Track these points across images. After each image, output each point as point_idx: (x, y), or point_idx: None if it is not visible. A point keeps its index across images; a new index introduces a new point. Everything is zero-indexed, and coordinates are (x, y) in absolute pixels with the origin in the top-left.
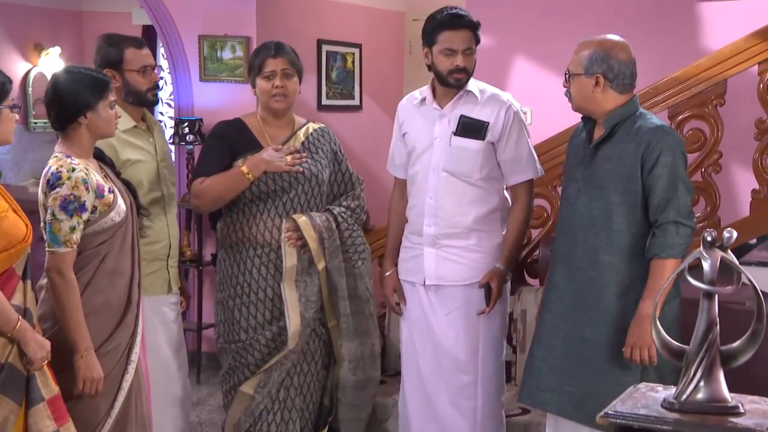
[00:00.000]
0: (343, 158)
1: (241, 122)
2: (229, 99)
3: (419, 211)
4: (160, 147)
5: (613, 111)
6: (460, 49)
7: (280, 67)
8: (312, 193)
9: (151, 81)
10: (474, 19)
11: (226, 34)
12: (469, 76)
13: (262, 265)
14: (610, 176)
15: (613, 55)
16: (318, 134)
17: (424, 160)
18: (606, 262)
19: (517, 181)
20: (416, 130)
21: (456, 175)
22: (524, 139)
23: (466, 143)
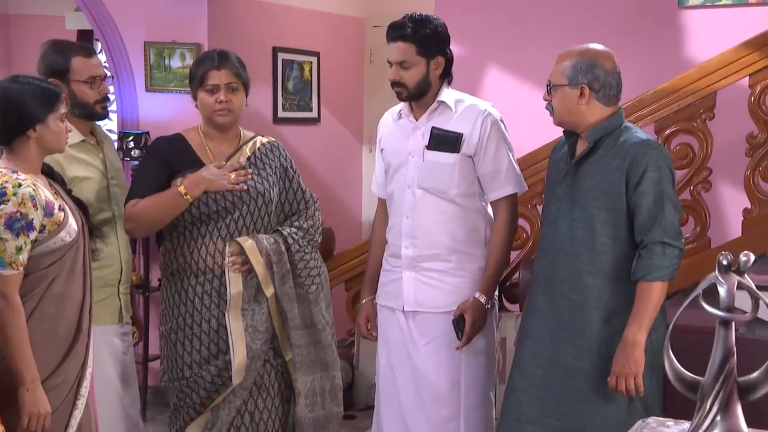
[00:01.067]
0: (294, 175)
1: (182, 137)
2: (177, 111)
3: (397, 231)
4: (110, 163)
5: (597, 124)
6: (394, 61)
7: (224, 80)
8: (259, 214)
9: (100, 93)
10: (417, 29)
11: (174, 41)
12: (408, 91)
13: (204, 294)
14: (593, 193)
15: (599, 65)
16: (267, 149)
17: (399, 176)
18: (589, 284)
19: (496, 196)
20: (392, 146)
21: (431, 192)
22: (503, 150)
23: (440, 157)
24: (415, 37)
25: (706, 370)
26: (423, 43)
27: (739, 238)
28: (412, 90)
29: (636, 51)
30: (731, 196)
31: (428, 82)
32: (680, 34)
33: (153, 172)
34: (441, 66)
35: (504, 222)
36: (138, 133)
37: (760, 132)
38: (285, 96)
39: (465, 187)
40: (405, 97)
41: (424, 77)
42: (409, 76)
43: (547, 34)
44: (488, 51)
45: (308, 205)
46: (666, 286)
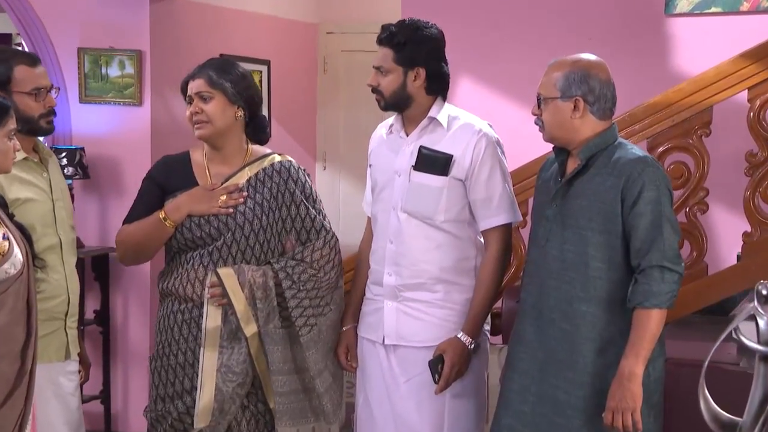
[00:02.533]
0: (302, 200)
1: (186, 156)
2: (117, 124)
3: (380, 257)
4: (55, 183)
5: (590, 140)
6: (373, 65)
7: (195, 90)
8: (247, 243)
9: (45, 105)
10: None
11: (112, 47)
12: (384, 99)
13: (184, 323)
14: (585, 214)
15: (593, 75)
16: (274, 170)
17: (384, 196)
18: (582, 312)
19: (487, 225)
20: (379, 162)
21: (416, 216)
22: (497, 176)
23: (427, 179)
24: (392, 41)
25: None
26: (400, 49)
27: (740, 264)
28: (387, 99)
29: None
30: (729, 219)
31: (406, 94)
32: (667, 44)
33: (144, 197)
34: (421, 78)
35: (494, 254)
36: (71, 148)
37: (760, 150)
38: None
39: (454, 213)
40: (382, 106)
41: (400, 87)
42: (385, 84)
43: (522, 44)
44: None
45: (318, 236)
46: (665, 313)
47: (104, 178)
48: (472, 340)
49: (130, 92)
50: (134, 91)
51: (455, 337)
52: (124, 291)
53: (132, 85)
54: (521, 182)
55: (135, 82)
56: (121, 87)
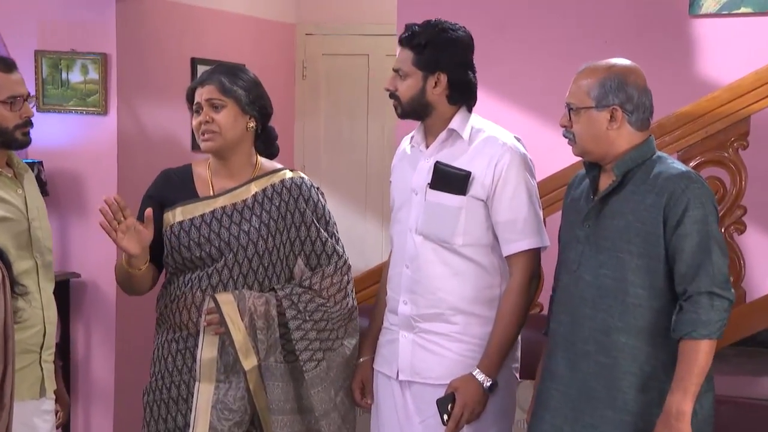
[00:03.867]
0: (314, 221)
1: (188, 169)
2: (79, 135)
3: (396, 283)
4: (31, 201)
5: (626, 153)
6: (393, 68)
7: (205, 96)
8: (250, 266)
9: (21, 116)
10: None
11: (73, 50)
12: (401, 106)
13: (178, 353)
14: (623, 235)
15: (631, 82)
16: (284, 187)
17: (401, 217)
18: (620, 344)
19: (511, 251)
20: (397, 178)
21: (433, 240)
22: (523, 196)
23: (443, 198)
24: (412, 42)
25: None
26: (420, 52)
27: None
28: (405, 106)
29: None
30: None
31: (425, 101)
32: (692, 47)
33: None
34: (442, 85)
35: (518, 283)
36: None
37: None
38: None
39: (475, 236)
40: (399, 113)
41: (419, 94)
42: (403, 89)
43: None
44: None
45: (330, 261)
46: (714, 344)
47: (65, 196)
48: (488, 378)
49: (94, 100)
50: (98, 98)
51: (469, 374)
52: (86, 321)
53: (96, 92)
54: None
55: (99, 88)
56: (83, 94)
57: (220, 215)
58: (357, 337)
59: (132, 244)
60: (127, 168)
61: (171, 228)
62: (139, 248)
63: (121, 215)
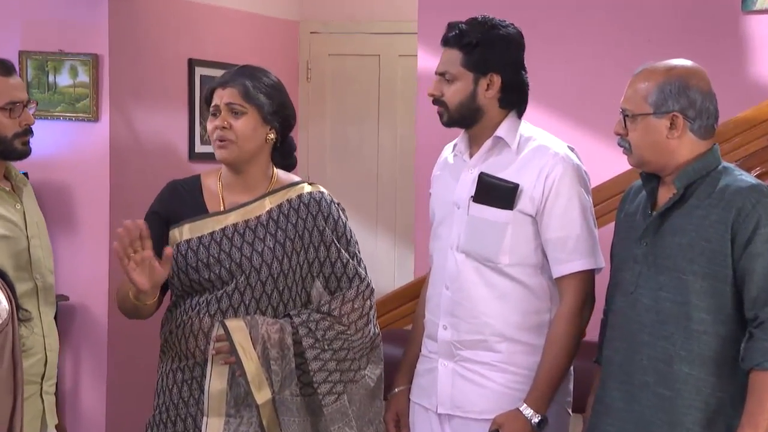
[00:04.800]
0: (334, 241)
1: (196, 180)
2: (68, 144)
3: (435, 305)
4: (31, 217)
5: (688, 164)
6: (436, 71)
7: (226, 100)
8: (263, 290)
9: (21, 123)
10: (467, 33)
11: (61, 50)
12: (448, 112)
13: (184, 384)
14: (685, 254)
15: (693, 86)
16: (302, 203)
17: (441, 233)
18: (683, 375)
19: (562, 272)
20: (438, 190)
21: (476, 258)
22: (576, 211)
23: (488, 213)
24: (462, 42)
25: None
26: (471, 51)
27: None
28: (453, 112)
29: None
30: None
31: (477, 106)
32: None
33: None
34: (495, 87)
35: (569, 309)
36: None
37: None
38: (203, 124)
39: (522, 255)
40: (445, 120)
41: (470, 98)
42: (451, 94)
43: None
44: None
45: (351, 284)
46: None
47: (52, 209)
48: (537, 413)
49: (84, 105)
50: (89, 103)
51: (515, 409)
52: (74, 348)
53: (86, 97)
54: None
55: (90, 92)
56: (72, 98)
57: (231, 233)
58: (381, 366)
59: (143, 279)
60: (120, 180)
61: (177, 247)
62: (150, 285)
63: (140, 244)
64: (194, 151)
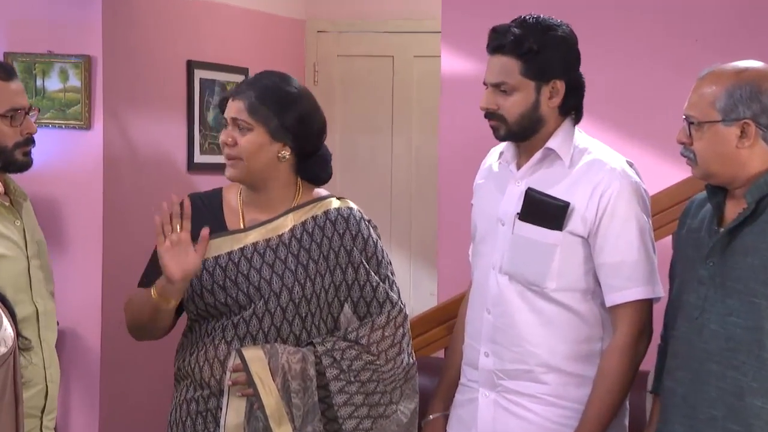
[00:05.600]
0: (363, 262)
1: (218, 195)
2: (58, 154)
3: (476, 330)
4: (31, 235)
5: (760, 176)
6: (489, 82)
7: (232, 113)
8: (284, 316)
9: (22, 132)
10: (525, 38)
11: (51, 52)
12: (507, 126)
13: (198, 416)
14: (758, 276)
15: (765, 90)
16: (328, 220)
17: (483, 251)
18: (756, 409)
19: (616, 300)
20: (482, 203)
21: (520, 281)
22: (633, 233)
23: (535, 233)
24: (521, 49)
25: None
26: (532, 58)
27: None
28: (513, 125)
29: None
30: None
31: (538, 117)
32: None
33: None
34: (560, 94)
35: (623, 340)
36: None
37: None
38: (204, 132)
39: (572, 279)
40: (503, 135)
41: (532, 108)
42: (510, 106)
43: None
44: None
45: (382, 310)
46: None
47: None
48: None
49: (76, 111)
50: (80, 109)
51: None
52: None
53: (77, 102)
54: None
55: (81, 97)
56: (63, 104)
57: (251, 253)
58: (416, 400)
59: (174, 265)
60: (114, 191)
61: None
62: (181, 274)
63: (179, 223)
64: (193, 161)
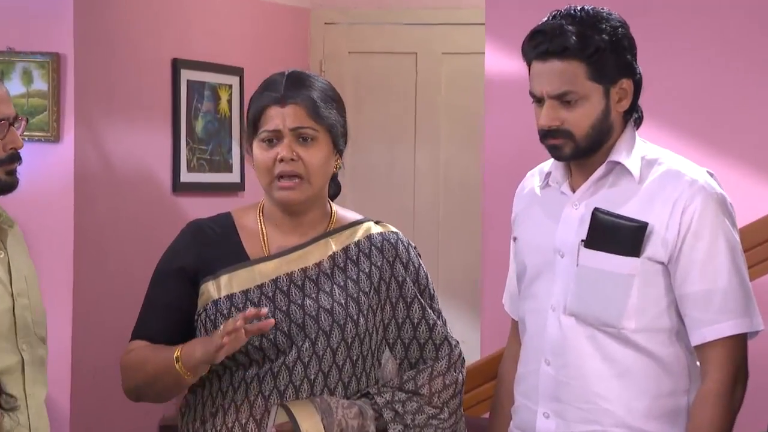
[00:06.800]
0: (416, 297)
1: (228, 220)
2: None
3: (531, 386)
4: (18, 269)
5: None
6: (547, 94)
7: (290, 123)
8: (334, 360)
9: (6, 147)
10: (587, 35)
11: (11, 49)
12: (575, 143)
13: None
14: None
15: None
16: (373, 247)
17: (537, 291)
18: None
19: (705, 338)
20: (529, 234)
21: (590, 323)
22: (723, 256)
23: (606, 262)
24: (586, 49)
25: None
26: (599, 59)
27: None
28: (582, 141)
29: None
30: None
31: (609, 126)
32: None
33: (163, 295)
34: (628, 95)
35: (716, 387)
36: None
37: None
38: (191, 146)
39: (651, 318)
40: (569, 154)
41: (602, 117)
42: (578, 118)
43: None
44: None
45: (439, 354)
46: None
47: None
48: None
49: (41, 121)
50: (47, 118)
51: None
52: None
53: (44, 109)
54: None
55: (49, 103)
56: (25, 112)
57: (287, 286)
58: None
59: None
60: (87, 213)
61: (216, 305)
62: (225, 354)
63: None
64: (179, 180)
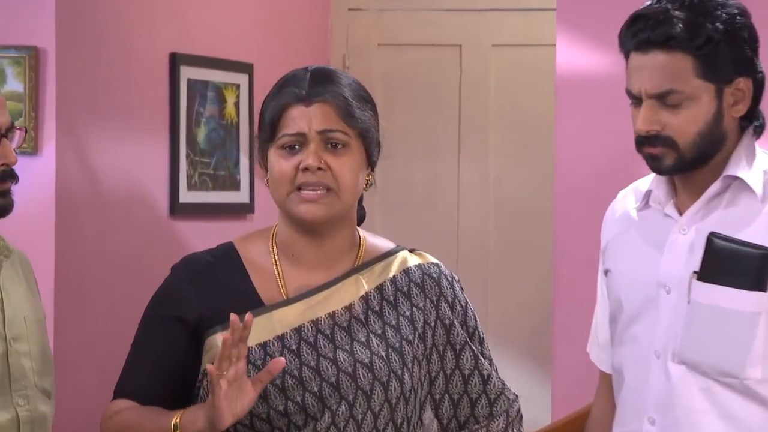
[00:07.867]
0: (466, 343)
1: (232, 255)
2: None
3: None
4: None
5: None
6: (646, 92)
7: (318, 125)
8: (375, 423)
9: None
10: (697, 24)
11: None
12: (679, 153)
13: None
14: None
15: None
16: (412, 283)
17: (637, 333)
18: None
19: None
20: (624, 265)
21: (705, 372)
22: None
23: (722, 297)
24: (696, 40)
25: None
26: (713, 52)
27: None
28: (687, 151)
29: None
30: None
31: (721, 133)
32: None
33: (154, 344)
34: (746, 98)
35: None
36: None
37: None
38: (192, 158)
39: None
40: (671, 166)
41: (713, 123)
42: (683, 123)
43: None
44: None
45: (493, 410)
46: None
47: None
48: None
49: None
50: (25, 124)
51: None
52: None
53: (20, 114)
54: None
55: (26, 107)
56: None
57: (313, 336)
58: None
59: (228, 408)
60: (69, 233)
61: None
62: (232, 419)
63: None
64: (178, 200)
